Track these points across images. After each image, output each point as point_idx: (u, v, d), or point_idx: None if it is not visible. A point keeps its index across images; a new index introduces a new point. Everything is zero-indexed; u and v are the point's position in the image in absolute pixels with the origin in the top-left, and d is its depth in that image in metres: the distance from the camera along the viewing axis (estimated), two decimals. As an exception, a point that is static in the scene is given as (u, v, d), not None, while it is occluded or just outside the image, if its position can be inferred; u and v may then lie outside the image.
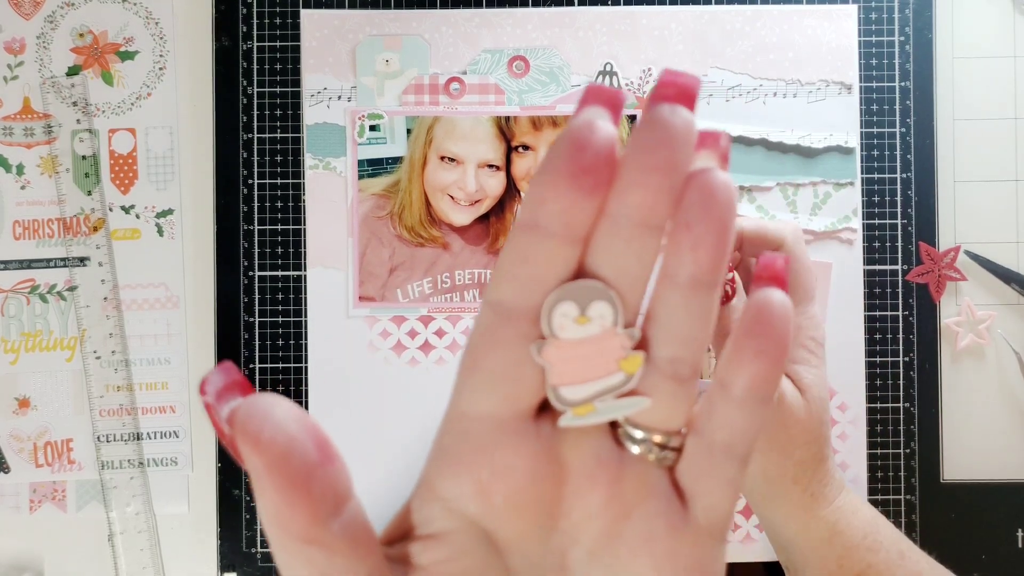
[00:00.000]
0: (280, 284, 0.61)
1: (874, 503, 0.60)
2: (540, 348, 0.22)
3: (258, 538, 0.61)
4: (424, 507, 0.23)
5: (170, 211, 0.62)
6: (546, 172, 0.21)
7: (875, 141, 0.61)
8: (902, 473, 0.61)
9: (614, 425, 0.23)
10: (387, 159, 0.61)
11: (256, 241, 0.61)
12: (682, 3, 0.61)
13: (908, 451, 0.61)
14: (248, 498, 0.61)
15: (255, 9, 0.61)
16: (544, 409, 0.23)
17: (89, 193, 0.61)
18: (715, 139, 0.22)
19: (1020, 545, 0.61)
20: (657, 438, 0.23)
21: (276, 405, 0.21)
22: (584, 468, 0.23)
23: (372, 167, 0.61)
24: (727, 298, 0.45)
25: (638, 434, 0.23)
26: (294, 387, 0.61)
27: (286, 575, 0.22)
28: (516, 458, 0.22)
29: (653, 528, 0.23)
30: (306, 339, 0.61)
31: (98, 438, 0.61)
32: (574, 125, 0.21)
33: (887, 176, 0.61)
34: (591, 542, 0.23)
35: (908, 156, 0.61)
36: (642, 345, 0.22)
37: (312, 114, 0.61)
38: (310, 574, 0.21)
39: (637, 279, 0.22)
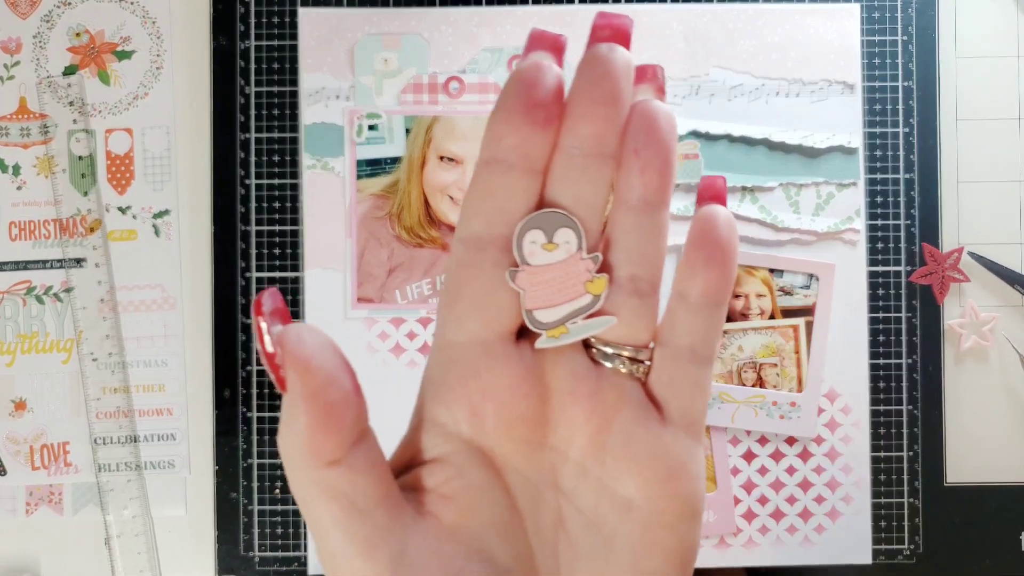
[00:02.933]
0: (278, 285, 0.61)
1: (877, 506, 0.60)
2: (514, 275, 0.24)
3: (255, 541, 0.60)
4: (422, 436, 0.25)
5: (167, 212, 0.62)
6: (501, 110, 0.23)
7: (878, 141, 0.61)
8: (905, 476, 0.61)
9: (588, 344, 0.25)
10: (386, 159, 0.60)
11: (253, 242, 0.61)
12: (683, 2, 0.61)
13: (911, 454, 0.61)
14: (245, 501, 0.61)
15: (253, 8, 0.61)
16: (523, 334, 0.25)
17: (85, 194, 0.61)
18: (652, 72, 0.25)
19: (1023, 548, 0.61)
20: (627, 352, 0.25)
21: (321, 335, 0.23)
22: (564, 385, 0.25)
23: (371, 167, 0.61)
24: None
25: (609, 350, 0.25)
26: (292, 389, 0.61)
27: (304, 502, 0.23)
28: (502, 377, 0.24)
29: (633, 434, 0.24)
30: (304, 341, 0.61)
31: (95, 440, 0.61)
32: (523, 66, 0.24)
33: (890, 176, 0.61)
34: (579, 455, 0.25)
35: (911, 156, 0.61)
36: (604, 268, 0.25)
37: (310, 114, 0.61)
38: (330, 497, 0.23)
39: (594, 206, 0.24)
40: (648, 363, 0.25)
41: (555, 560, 0.25)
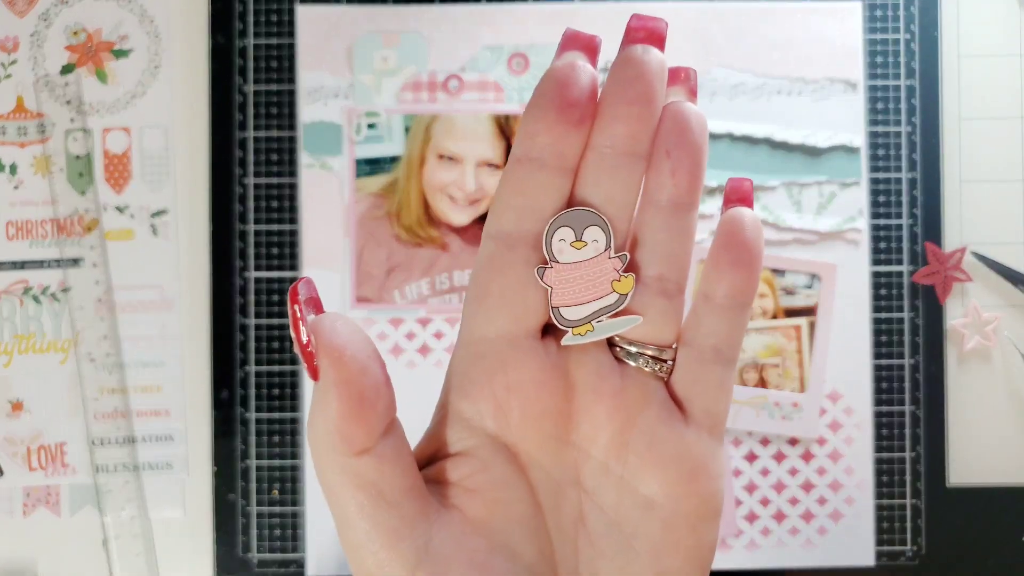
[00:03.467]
0: (276, 285, 0.61)
1: (880, 507, 0.60)
2: (542, 272, 0.25)
3: (253, 543, 0.60)
4: (447, 430, 0.25)
5: (164, 211, 0.62)
6: (535, 108, 0.24)
7: (880, 140, 0.61)
8: (908, 477, 0.61)
9: (612, 342, 0.26)
10: (385, 158, 0.61)
11: (251, 241, 0.61)
12: (685, 0, 0.61)
13: (914, 455, 0.60)
14: (243, 502, 0.61)
15: (251, 6, 0.61)
16: (548, 331, 0.25)
17: (83, 193, 0.61)
18: (685, 75, 0.25)
19: (1027, 550, 0.61)
20: (651, 351, 0.25)
21: (353, 325, 0.23)
22: (588, 382, 0.25)
23: (369, 166, 0.60)
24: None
25: (633, 349, 0.25)
26: (290, 389, 0.61)
27: (331, 491, 0.24)
28: (528, 372, 0.24)
29: (656, 433, 0.25)
30: (303, 341, 0.60)
31: (92, 441, 0.61)
32: (557, 66, 0.24)
33: (892, 176, 0.61)
34: (601, 453, 0.25)
35: (914, 156, 0.61)
36: (632, 267, 0.25)
37: (308, 112, 0.61)
38: (357, 485, 0.23)
39: (624, 205, 0.24)
40: (671, 363, 0.26)
41: (575, 557, 0.25)
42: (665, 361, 0.25)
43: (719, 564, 0.60)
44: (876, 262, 0.61)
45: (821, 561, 0.60)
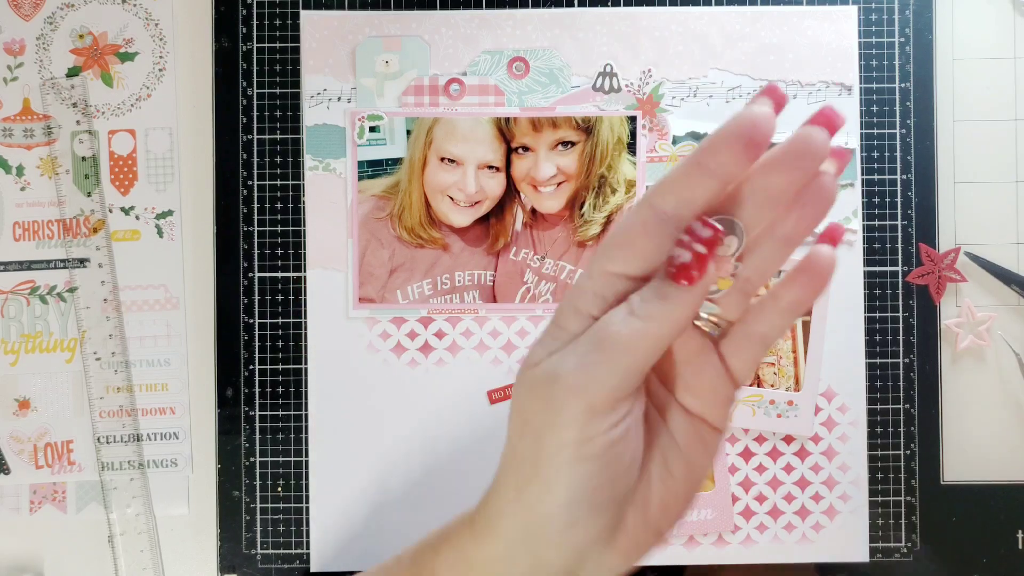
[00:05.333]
0: (280, 285, 0.61)
1: (874, 504, 0.61)
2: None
3: (258, 539, 0.61)
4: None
5: (170, 212, 0.62)
6: (729, 135, 0.30)
7: (875, 142, 0.61)
8: (902, 475, 0.61)
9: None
10: (387, 160, 0.61)
11: (256, 242, 0.61)
12: (682, 4, 0.61)
13: (908, 452, 0.61)
14: (248, 499, 0.61)
15: (255, 10, 0.61)
16: None
17: (89, 194, 0.61)
18: (842, 154, 0.32)
19: (1020, 546, 0.61)
20: (715, 319, 0.34)
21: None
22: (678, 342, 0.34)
23: (372, 168, 0.61)
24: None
25: (703, 314, 0.34)
26: (294, 388, 0.61)
27: (557, 453, 0.32)
28: None
29: (704, 370, 0.34)
30: (306, 341, 0.61)
31: (98, 439, 0.61)
32: (756, 108, 0.30)
33: (887, 177, 0.61)
34: (667, 382, 0.35)
35: (908, 157, 0.61)
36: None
37: (312, 115, 0.61)
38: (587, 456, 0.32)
39: (755, 230, 0.32)
40: (725, 329, 0.34)
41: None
42: (719, 327, 0.34)
43: (715, 559, 0.61)
44: (871, 262, 0.61)
45: (816, 557, 0.60)
